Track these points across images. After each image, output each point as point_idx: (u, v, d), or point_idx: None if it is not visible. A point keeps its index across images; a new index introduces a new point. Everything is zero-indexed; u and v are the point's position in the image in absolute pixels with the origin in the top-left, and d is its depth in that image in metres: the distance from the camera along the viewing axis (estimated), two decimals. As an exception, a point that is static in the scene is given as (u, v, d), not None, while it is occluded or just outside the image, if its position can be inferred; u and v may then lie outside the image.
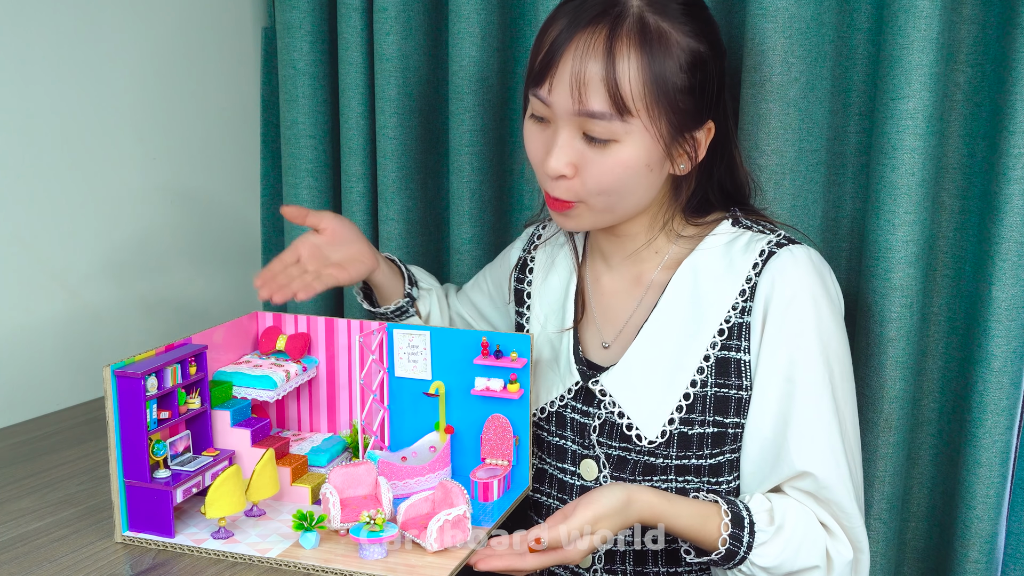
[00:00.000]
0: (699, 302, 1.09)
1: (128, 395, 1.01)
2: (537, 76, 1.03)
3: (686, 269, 1.11)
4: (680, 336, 1.09)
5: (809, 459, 1.03)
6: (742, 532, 1.02)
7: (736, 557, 1.02)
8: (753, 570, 1.02)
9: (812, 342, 1.04)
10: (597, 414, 1.12)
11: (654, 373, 1.09)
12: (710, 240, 1.11)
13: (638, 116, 1.00)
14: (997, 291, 1.17)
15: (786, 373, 1.05)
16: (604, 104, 0.99)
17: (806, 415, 1.04)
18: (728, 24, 1.35)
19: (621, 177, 1.03)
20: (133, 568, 0.99)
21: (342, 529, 1.02)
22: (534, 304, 1.24)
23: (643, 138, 1.01)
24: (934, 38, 1.14)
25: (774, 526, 1.02)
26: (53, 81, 1.46)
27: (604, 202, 1.05)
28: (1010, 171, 1.14)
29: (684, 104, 1.02)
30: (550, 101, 1.02)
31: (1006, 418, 1.19)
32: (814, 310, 1.05)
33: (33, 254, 1.46)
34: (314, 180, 1.62)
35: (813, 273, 1.06)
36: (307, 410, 1.25)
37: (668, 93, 1.00)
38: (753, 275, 1.07)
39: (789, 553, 1.02)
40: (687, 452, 1.08)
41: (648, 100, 1.00)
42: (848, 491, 1.04)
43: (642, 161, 1.02)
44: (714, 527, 1.02)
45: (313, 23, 1.58)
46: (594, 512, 0.99)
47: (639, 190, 1.06)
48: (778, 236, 1.09)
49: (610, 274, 1.18)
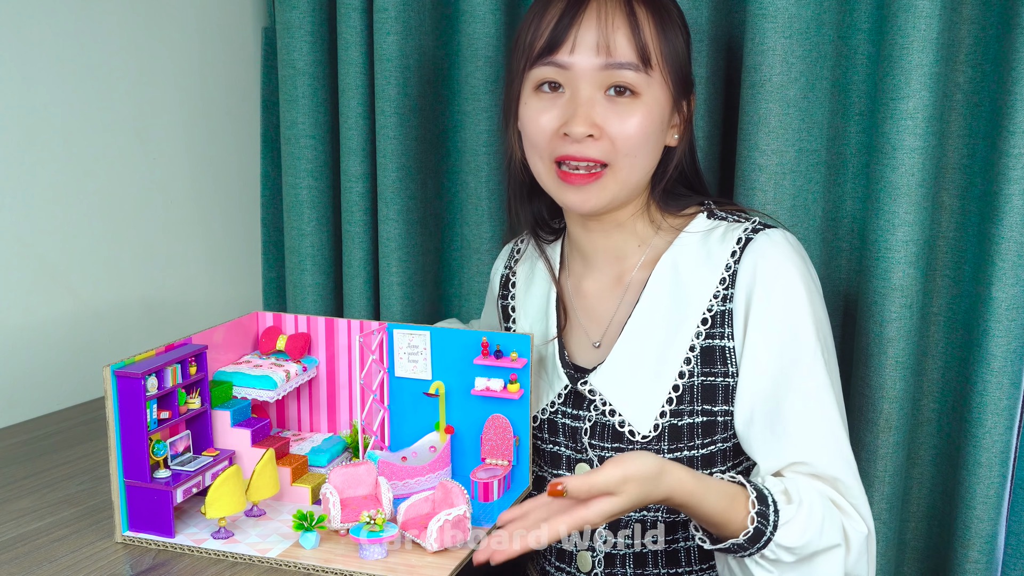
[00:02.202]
0: (680, 294, 1.10)
1: (128, 395, 1.01)
2: (550, 44, 1.06)
3: (665, 264, 1.12)
4: (664, 329, 1.10)
5: (811, 442, 1.02)
6: (768, 510, 0.98)
7: (763, 538, 0.98)
8: (778, 552, 0.98)
9: (806, 319, 1.04)
10: (587, 416, 1.12)
11: (641, 368, 1.10)
12: (687, 234, 1.12)
13: (657, 69, 1.06)
14: (997, 291, 1.17)
15: (781, 352, 1.04)
16: (631, 55, 1.04)
17: (805, 396, 1.03)
18: (728, 24, 1.35)
19: (645, 132, 1.05)
20: (133, 568, 0.99)
21: (342, 529, 1.02)
22: (519, 317, 1.24)
23: (660, 94, 1.07)
24: (934, 38, 1.14)
25: (794, 504, 0.99)
26: (53, 81, 1.46)
27: (628, 165, 1.06)
28: (1010, 171, 1.14)
29: (684, 68, 1.10)
30: (570, 62, 1.05)
31: (1006, 418, 1.19)
32: (804, 288, 1.05)
33: (33, 254, 1.46)
34: (314, 180, 1.62)
35: (793, 253, 1.07)
36: (307, 410, 1.25)
37: (676, 53, 1.08)
38: (732, 263, 1.08)
39: (813, 531, 0.99)
40: (679, 444, 1.08)
41: (663, 57, 1.06)
42: (850, 468, 1.03)
43: (657, 118, 1.07)
44: (741, 506, 0.98)
45: (313, 23, 1.58)
46: (624, 471, 0.91)
47: (651, 155, 1.08)
48: (753, 223, 1.10)
49: (591, 276, 1.18)
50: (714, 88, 1.35)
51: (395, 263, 1.55)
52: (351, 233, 1.59)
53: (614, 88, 1.05)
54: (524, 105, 1.10)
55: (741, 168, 1.27)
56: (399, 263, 1.55)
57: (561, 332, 1.18)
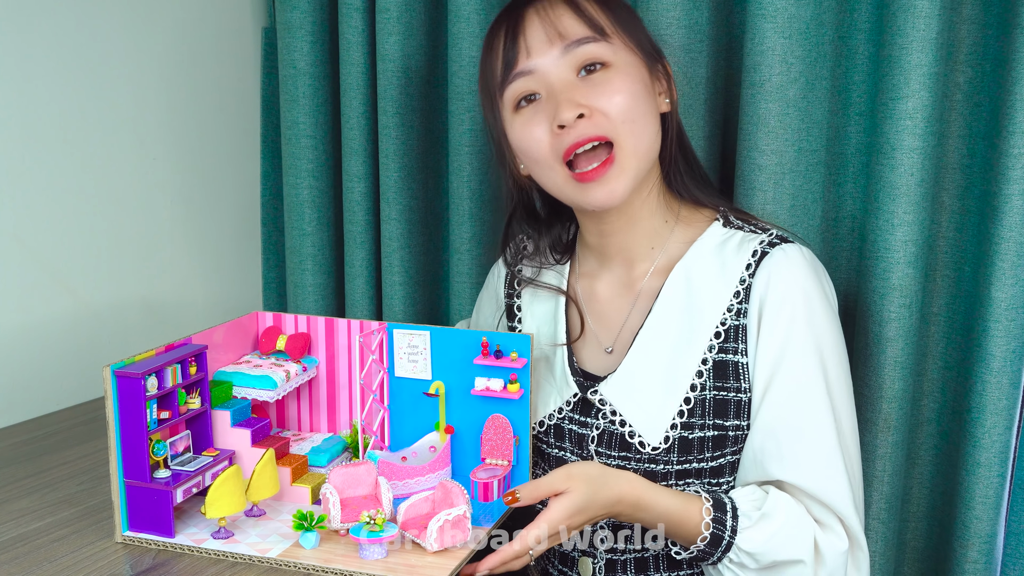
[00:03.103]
0: (694, 306, 1.09)
1: (128, 395, 1.01)
2: (508, 61, 1.08)
3: (679, 273, 1.11)
4: (677, 341, 1.09)
5: (802, 466, 1.03)
6: (725, 516, 1.01)
7: (722, 543, 1.01)
8: (741, 557, 1.01)
9: (804, 338, 1.04)
10: (595, 424, 1.12)
11: (653, 379, 1.09)
12: (701, 242, 1.11)
13: (615, 36, 1.07)
14: (996, 291, 1.17)
15: (777, 371, 1.04)
16: (584, 29, 1.06)
17: (799, 417, 1.04)
18: (728, 24, 1.35)
19: (632, 94, 1.05)
20: (133, 568, 0.99)
21: (342, 529, 1.02)
22: (525, 317, 1.23)
23: (629, 57, 1.07)
24: (934, 38, 1.14)
25: (760, 512, 1.02)
26: (53, 81, 1.46)
27: (630, 132, 1.05)
28: (1010, 171, 1.14)
29: (643, 34, 1.11)
30: (532, 66, 1.06)
31: (1005, 418, 1.19)
32: (805, 307, 1.04)
33: (33, 254, 1.46)
34: (314, 180, 1.62)
35: (806, 270, 1.06)
36: (307, 410, 1.25)
37: (626, 20, 1.09)
38: (747, 276, 1.07)
39: (776, 542, 1.01)
40: (688, 456, 1.08)
41: (616, 24, 1.08)
42: (843, 491, 1.03)
43: (638, 80, 1.07)
44: (696, 513, 1.02)
45: (313, 23, 1.58)
46: (567, 471, 1.00)
47: (648, 120, 1.07)
48: (770, 236, 1.09)
49: (604, 279, 1.18)
50: (714, 88, 1.35)
51: (397, 263, 1.55)
52: (353, 233, 1.59)
53: (584, 69, 1.06)
54: (511, 127, 1.10)
55: (741, 168, 1.27)
56: (401, 263, 1.55)
57: (574, 341, 1.17)
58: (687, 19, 1.28)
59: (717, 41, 1.34)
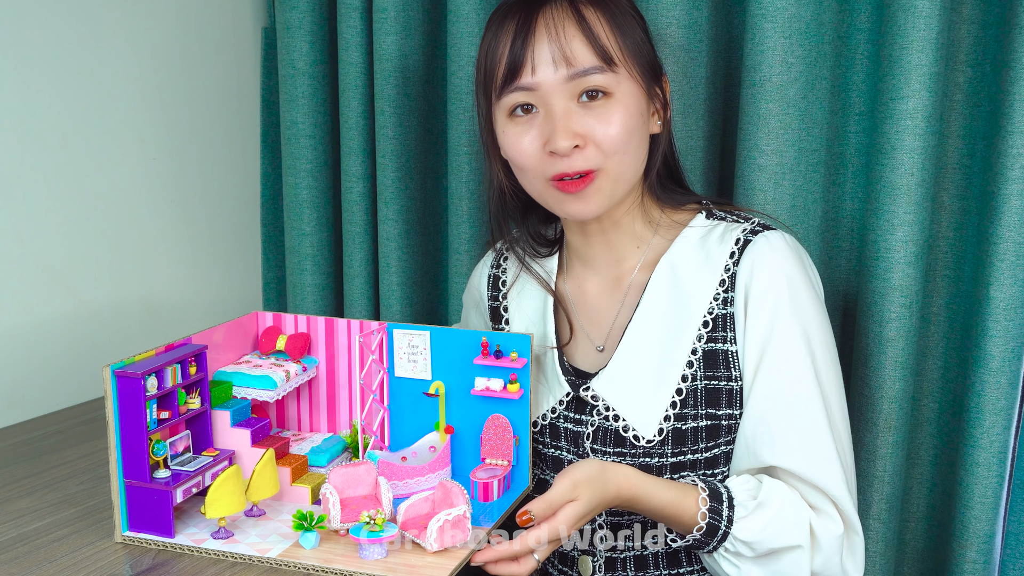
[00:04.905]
0: (681, 297, 1.09)
1: (128, 395, 1.01)
2: (510, 70, 1.06)
3: (664, 266, 1.11)
4: (665, 333, 1.09)
5: (794, 451, 1.03)
6: (721, 506, 1.03)
7: (718, 532, 1.02)
8: (738, 546, 1.03)
9: (789, 323, 1.05)
10: (590, 421, 1.12)
11: (644, 372, 1.10)
12: (686, 234, 1.12)
13: (622, 65, 1.05)
14: (996, 291, 1.17)
15: (764, 357, 1.05)
16: (592, 59, 1.04)
17: (788, 402, 1.04)
18: (728, 24, 1.35)
19: (628, 129, 1.05)
20: (133, 568, 0.99)
21: (342, 529, 1.02)
22: (512, 319, 1.23)
23: (631, 88, 1.06)
24: (934, 38, 1.14)
25: (756, 501, 1.03)
26: (53, 81, 1.46)
27: (618, 163, 1.05)
28: (1009, 171, 1.14)
29: (647, 54, 1.09)
30: (535, 83, 1.05)
31: (1004, 418, 1.19)
32: (789, 292, 1.05)
33: (33, 254, 1.46)
34: (314, 180, 1.62)
35: (790, 256, 1.07)
36: (307, 410, 1.25)
37: (635, 42, 1.07)
38: (731, 264, 1.08)
39: (772, 530, 1.02)
40: (682, 448, 1.08)
41: (624, 50, 1.06)
42: (835, 474, 1.04)
43: (636, 112, 1.06)
44: (692, 502, 1.03)
45: (313, 23, 1.58)
46: (572, 479, 1.00)
47: (638, 149, 1.08)
48: (752, 224, 1.10)
49: (592, 279, 1.18)
50: (714, 88, 1.35)
51: (395, 263, 1.55)
52: (351, 233, 1.59)
53: (586, 94, 1.05)
54: (503, 134, 1.10)
55: (741, 168, 1.27)
56: (399, 263, 1.55)
57: (564, 345, 1.18)
58: (687, 19, 1.28)
59: (717, 41, 1.34)
